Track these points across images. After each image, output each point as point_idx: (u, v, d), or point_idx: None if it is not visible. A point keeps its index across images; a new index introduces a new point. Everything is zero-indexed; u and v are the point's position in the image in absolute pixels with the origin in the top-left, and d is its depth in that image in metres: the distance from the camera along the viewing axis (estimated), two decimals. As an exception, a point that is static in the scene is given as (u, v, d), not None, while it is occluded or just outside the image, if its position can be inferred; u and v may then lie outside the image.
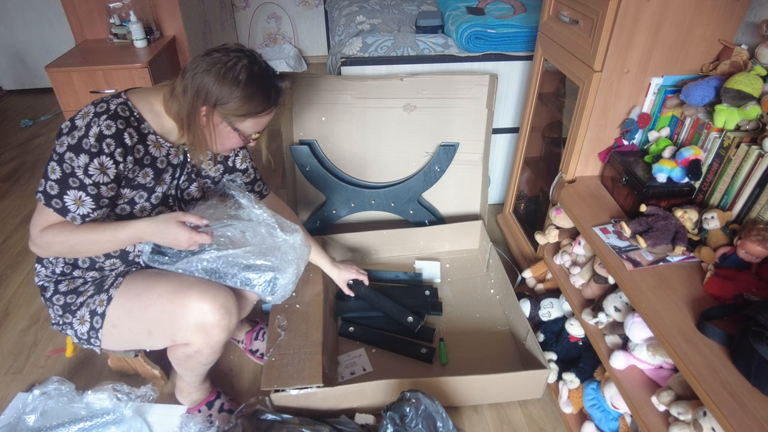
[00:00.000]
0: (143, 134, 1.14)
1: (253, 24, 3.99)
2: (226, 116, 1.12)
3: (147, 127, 1.15)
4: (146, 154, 1.16)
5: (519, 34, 1.92)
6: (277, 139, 3.00)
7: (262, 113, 1.15)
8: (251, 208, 1.28)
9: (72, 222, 1.09)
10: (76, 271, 1.23)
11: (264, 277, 1.22)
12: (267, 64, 1.15)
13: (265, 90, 1.12)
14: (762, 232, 1.04)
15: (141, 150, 1.14)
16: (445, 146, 1.97)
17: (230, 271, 1.21)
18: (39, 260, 1.25)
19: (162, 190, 1.22)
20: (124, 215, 1.17)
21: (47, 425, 1.35)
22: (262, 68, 1.12)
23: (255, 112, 1.13)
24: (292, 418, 1.33)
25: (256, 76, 1.10)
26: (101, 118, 1.06)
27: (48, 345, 1.68)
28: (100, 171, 1.06)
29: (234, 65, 1.07)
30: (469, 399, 1.46)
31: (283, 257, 1.24)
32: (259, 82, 1.10)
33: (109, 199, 1.11)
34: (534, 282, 1.76)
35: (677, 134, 1.34)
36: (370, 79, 1.88)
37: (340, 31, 2.42)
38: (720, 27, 1.26)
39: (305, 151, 1.93)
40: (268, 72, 1.13)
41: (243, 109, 1.11)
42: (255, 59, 1.11)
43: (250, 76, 1.09)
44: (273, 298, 1.25)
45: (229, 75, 1.07)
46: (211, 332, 1.18)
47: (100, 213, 1.11)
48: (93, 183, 1.07)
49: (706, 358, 0.94)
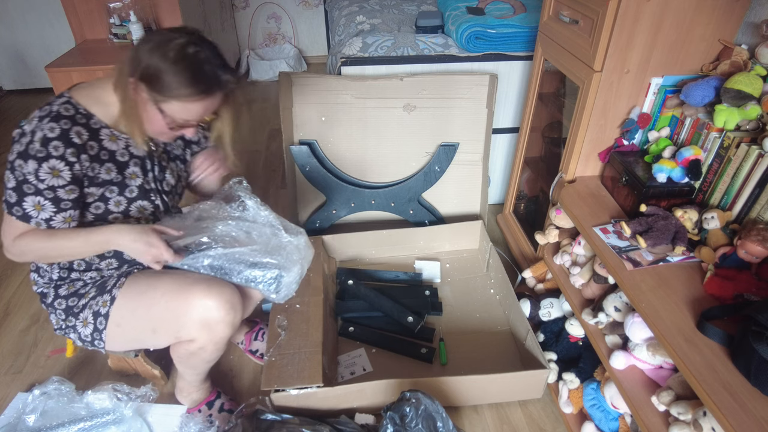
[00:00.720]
0: (94, 129, 1.11)
1: (253, 24, 3.99)
2: (151, 92, 1.05)
3: (97, 122, 1.12)
4: (102, 149, 1.13)
5: (519, 34, 1.92)
6: (277, 139, 3.01)
7: (188, 97, 1.05)
8: (257, 210, 1.29)
9: (38, 227, 1.08)
10: (74, 273, 1.23)
11: (269, 274, 1.22)
12: (212, 52, 1.07)
13: (195, 73, 1.04)
14: (762, 232, 1.04)
15: (95, 146, 1.11)
16: (445, 146, 1.97)
17: (236, 268, 1.21)
18: (34, 269, 1.25)
19: (136, 183, 1.19)
20: (99, 212, 1.15)
21: (47, 425, 1.35)
22: (200, 52, 1.04)
23: (180, 95, 1.05)
24: (292, 418, 1.33)
25: (188, 57, 1.03)
26: (44, 121, 1.04)
27: (48, 345, 1.68)
28: (52, 175, 1.05)
29: (168, 42, 1.02)
30: (469, 399, 1.46)
31: (288, 257, 1.24)
32: (191, 63, 1.03)
33: (72, 201, 1.09)
34: (534, 282, 1.76)
35: (677, 134, 1.34)
36: (370, 79, 1.88)
37: (340, 31, 2.43)
38: (720, 27, 1.26)
39: (305, 151, 1.93)
40: (208, 58, 1.06)
41: (166, 87, 1.04)
42: (195, 42, 1.04)
43: (181, 55, 1.02)
44: (277, 297, 1.25)
45: (159, 50, 1.02)
46: (215, 328, 1.17)
47: (65, 215, 1.09)
48: (48, 187, 1.05)
49: (706, 358, 0.94)
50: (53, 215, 1.08)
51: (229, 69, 1.10)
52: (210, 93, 1.08)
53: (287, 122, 1.93)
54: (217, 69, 1.07)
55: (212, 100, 1.10)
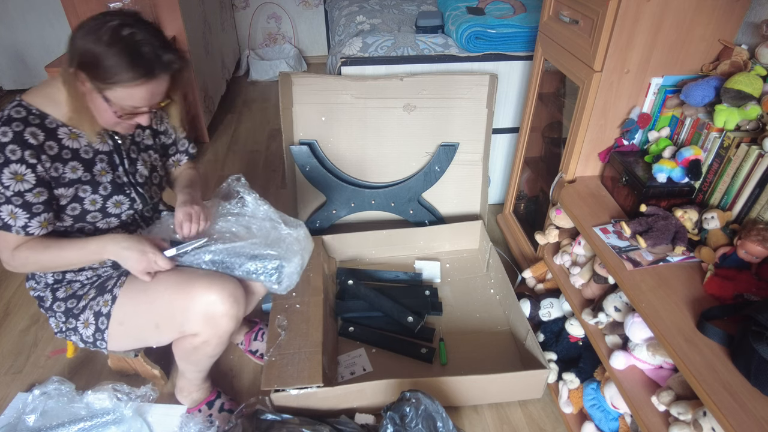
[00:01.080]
0: (50, 129, 1.08)
1: (253, 24, 3.99)
2: (92, 81, 1.01)
3: (53, 121, 1.09)
4: (63, 148, 1.10)
5: (519, 34, 1.92)
6: (277, 139, 3.01)
7: (130, 82, 1.01)
8: (256, 205, 1.30)
9: (17, 235, 1.07)
10: (69, 275, 1.23)
11: (270, 264, 1.22)
12: (149, 32, 1.02)
13: (133, 55, 0.99)
14: (762, 232, 1.04)
15: (54, 146, 1.08)
16: (445, 146, 1.97)
17: (236, 261, 1.21)
18: (30, 277, 1.25)
19: (107, 179, 1.17)
20: (76, 213, 1.14)
21: (47, 425, 1.35)
22: (135, 33, 1.00)
23: (121, 80, 1.00)
24: (292, 418, 1.33)
25: (124, 39, 0.98)
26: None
27: (48, 345, 1.68)
28: (15, 180, 1.03)
29: (102, 25, 0.98)
30: (469, 399, 1.46)
31: (289, 247, 1.25)
32: (127, 45, 0.99)
33: (43, 204, 1.07)
34: (534, 282, 1.76)
35: (677, 134, 1.34)
36: (370, 79, 1.88)
37: (340, 31, 2.43)
38: (720, 27, 1.26)
39: (305, 151, 1.93)
40: (146, 39, 1.01)
41: (106, 73, 0.99)
42: (129, 23, 1.00)
43: (116, 37, 0.98)
44: (279, 288, 1.25)
45: (93, 34, 0.98)
46: (219, 322, 1.17)
47: (40, 219, 1.08)
48: (15, 193, 1.03)
49: (706, 358, 0.94)
50: (27, 221, 1.06)
51: (170, 49, 1.05)
52: (153, 75, 1.03)
53: (287, 122, 1.93)
54: (157, 49, 1.02)
55: (157, 83, 1.05)
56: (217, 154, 2.89)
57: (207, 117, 2.98)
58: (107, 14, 1.01)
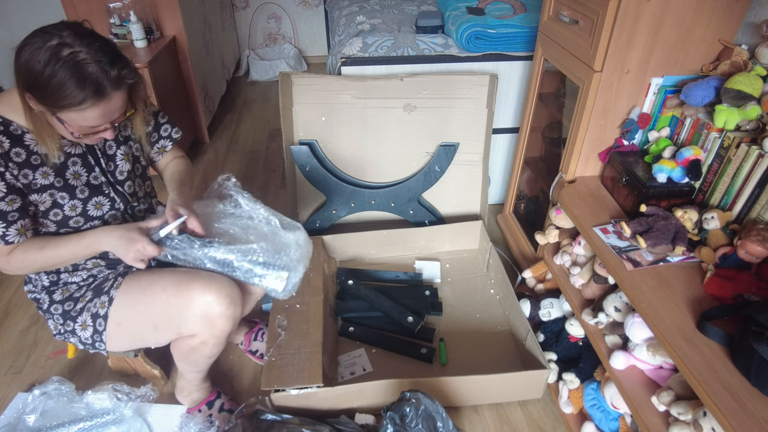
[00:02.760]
0: (16, 136, 1.05)
1: (253, 24, 3.99)
2: (42, 104, 0.96)
3: (17, 128, 1.05)
4: (32, 154, 1.07)
5: (519, 34, 1.92)
6: (277, 139, 3.01)
7: (78, 105, 0.95)
8: (251, 207, 1.28)
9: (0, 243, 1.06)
10: (63, 276, 1.23)
11: (274, 272, 1.21)
12: (92, 48, 0.95)
13: (77, 77, 0.92)
14: (762, 232, 1.04)
15: (22, 153, 1.05)
16: (445, 146, 1.97)
17: (240, 265, 1.20)
18: (27, 280, 1.25)
19: (82, 182, 1.15)
20: (59, 219, 1.13)
21: (47, 425, 1.35)
22: (77, 53, 0.93)
23: (71, 104, 0.94)
24: (292, 418, 1.33)
25: (66, 61, 0.92)
26: None
27: (48, 345, 1.68)
28: None
29: (41, 46, 0.92)
30: (469, 399, 1.46)
31: (294, 256, 1.24)
32: (70, 68, 0.92)
33: (18, 211, 1.06)
34: (534, 282, 1.76)
35: (677, 134, 1.34)
36: (370, 79, 1.88)
37: (340, 31, 2.43)
38: (720, 27, 1.26)
39: (305, 151, 1.93)
40: (89, 57, 0.94)
41: (51, 97, 0.94)
42: (68, 43, 0.93)
43: (56, 59, 0.91)
44: (282, 294, 1.25)
45: (35, 56, 0.92)
46: (216, 322, 1.17)
47: (18, 227, 1.06)
48: None
49: (706, 358, 0.94)
50: (5, 230, 1.05)
51: (118, 62, 0.98)
52: (103, 95, 0.97)
53: (287, 122, 1.93)
54: (103, 66, 0.95)
55: (110, 102, 0.99)
56: (217, 154, 2.89)
57: (207, 117, 2.98)
58: (46, 31, 0.94)
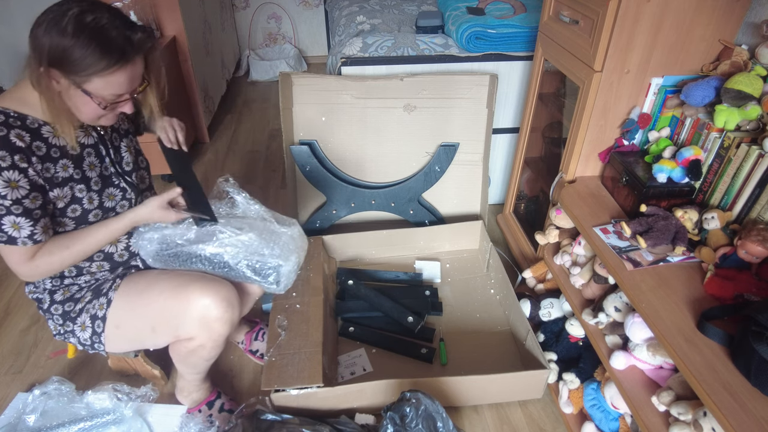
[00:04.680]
0: (34, 129, 1.04)
1: (254, 24, 3.99)
2: (67, 76, 0.97)
3: (34, 121, 1.05)
4: (51, 146, 1.06)
5: (519, 34, 1.92)
6: (277, 139, 3.01)
7: (106, 69, 0.97)
8: (247, 205, 1.29)
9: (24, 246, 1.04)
10: (66, 279, 1.22)
11: (268, 264, 1.22)
12: (112, 15, 0.98)
13: (102, 41, 0.95)
14: (762, 233, 1.04)
15: (42, 146, 1.05)
16: (445, 146, 1.97)
17: (233, 261, 1.21)
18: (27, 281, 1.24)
19: (96, 173, 1.15)
20: (77, 215, 1.12)
21: (47, 425, 1.35)
22: (99, 18, 0.95)
23: (98, 69, 0.96)
24: (292, 418, 1.33)
25: (88, 26, 0.94)
26: None
27: (48, 345, 1.68)
28: (10, 187, 0.99)
29: (62, 16, 0.93)
30: (469, 399, 1.46)
31: (285, 246, 1.25)
32: (93, 32, 0.94)
33: (41, 209, 1.05)
34: (534, 282, 1.76)
35: (677, 134, 1.34)
36: (370, 79, 1.88)
37: (340, 31, 2.43)
38: (720, 27, 1.26)
39: (305, 151, 1.93)
40: (111, 22, 0.97)
41: (79, 66, 0.95)
42: (89, 9, 0.95)
43: (81, 26, 0.93)
44: (277, 288, 1.25)
45: (56, 27, 0.93)
46: (214, 326, 1.17)
47: (42, 224, 1.05)
48: (13, 201, 0.99)
49: (706, 358, 0.94)
50: (33, 229, 1.03)
51: (138, 28, 1.02)
52: (128, 59, 0.99)
53: (287, 122, 1.93)
54: (125, 31, 0.98)
55: (133, 66, 1.02)
56: (217, 154, 2.89)
57: (207, 117, 2.98)
58: (62, 3, 0.96)
